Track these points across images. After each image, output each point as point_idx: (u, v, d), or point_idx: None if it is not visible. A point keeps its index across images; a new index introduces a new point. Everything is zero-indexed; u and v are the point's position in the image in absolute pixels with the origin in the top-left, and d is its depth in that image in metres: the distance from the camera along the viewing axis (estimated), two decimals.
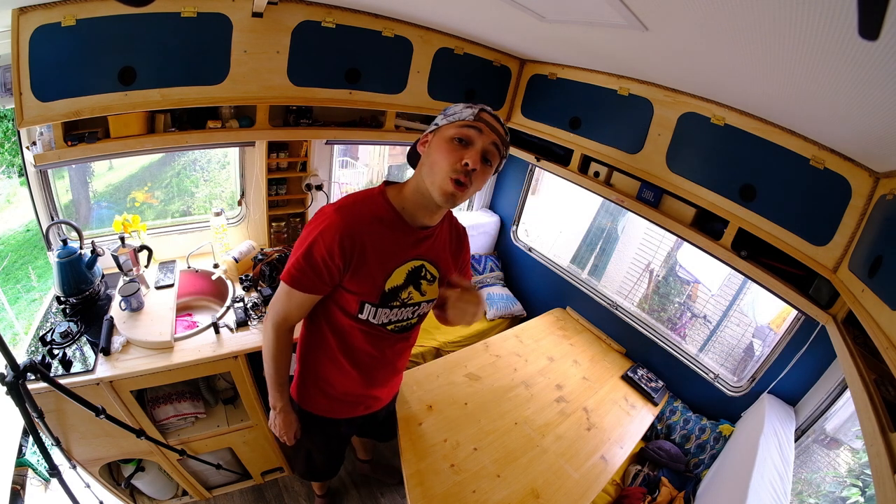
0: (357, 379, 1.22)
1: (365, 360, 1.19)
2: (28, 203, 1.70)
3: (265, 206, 2.09)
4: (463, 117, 0.97)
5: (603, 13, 0.94)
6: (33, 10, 1.19)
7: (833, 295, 1.29)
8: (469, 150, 0.95)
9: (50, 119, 1.32)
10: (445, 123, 0.99)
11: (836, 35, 0.59)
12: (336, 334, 1.13)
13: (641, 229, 3.55)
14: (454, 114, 0.99)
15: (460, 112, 0.98)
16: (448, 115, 1.00)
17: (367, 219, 0.99)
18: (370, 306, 1.06)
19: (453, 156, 0.94)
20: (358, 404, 1.31)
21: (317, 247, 0.96)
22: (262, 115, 1.69)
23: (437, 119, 1.03)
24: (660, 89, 1.59)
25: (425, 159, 1.00)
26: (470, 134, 0.95)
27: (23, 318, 4.50)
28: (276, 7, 1.47)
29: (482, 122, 0.96)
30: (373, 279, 1.02)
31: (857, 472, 1.59)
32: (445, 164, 0.94)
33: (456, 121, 0.97)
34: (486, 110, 0.99)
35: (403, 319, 1.14)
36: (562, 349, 2.20)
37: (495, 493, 1.39)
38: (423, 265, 1.09)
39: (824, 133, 1.18)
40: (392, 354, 1.23)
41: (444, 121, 1.00)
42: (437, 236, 1.11)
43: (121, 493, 1.81)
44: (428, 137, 1.03)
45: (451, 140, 0.95)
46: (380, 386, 1.31)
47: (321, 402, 1.28)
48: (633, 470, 1.84)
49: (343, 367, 1.19)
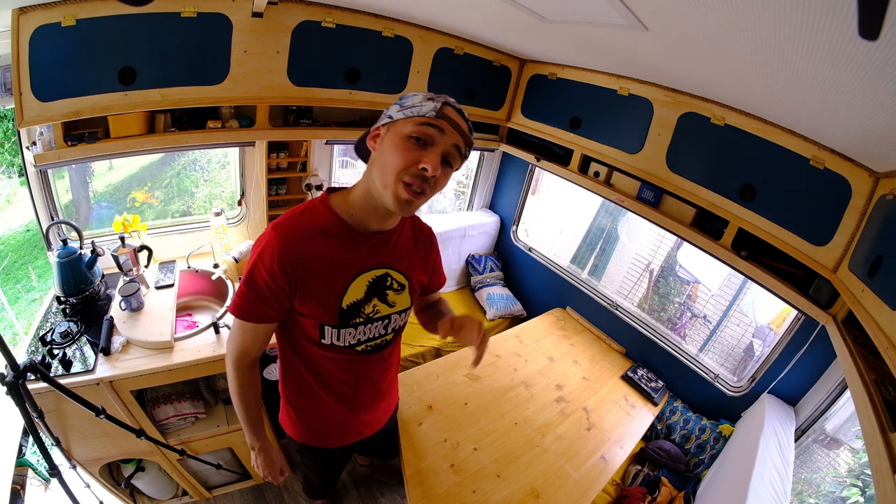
0: (338, 409, 1.10)
1: (342, 388, 1.06)
2: (28, 203, 1.70)
3: (265, 206, 2.09)
4: (423, 112, 0.81)
5: (603, 13, 0.94)
6: (33, 10, 1.19)
7: (833, 295, 1.29)
8: (428, 151, 0.81)
9: (50, 119, 1.32)
10: (402, 118, 0.83)
11: (837, 35, 0.59)
12: (306, 364, 1.02)
13: (641, 229, 3.55)
14: (413, 107, 0.83)
15: (420, 105, 0.82)
16: (405, 106, 0.84)
17: (308, 232, 0.88)
18: (330, 328, 0.94)
19: (409, 157, 0.80)
20: (347, 432, 1.19)
21: (257, 271, 0.86)
22: (262, 115, 1.69)
23: (391, 110, 0.86)
24: (660, 89, 1.59)
25: (376, 157, 0.86)
26: (430, 133, 0.81)
27: (23, 318, 4.50)
28: (276, 7, 1.47)
29: (445, 120, 0.82)
30: (325, 298, 0.90)
31: (857, 472, 1.59)
32: (399, 167, 0.80)
33: (415, 116, 0.82)
34: (449, 104, 0.85)
35: (375, 337, 1.02)
36: (562, 349, 2.20)
37: (495, 493, 1.39)
38: (387, 273, 0.97)
39: (824, 133, 1.18)
40: (372, 378, 1.11)
41: (400, 114, 0.84)
42: (398, 240, 0.99)
43: (121, 493, 1.81)
44: (380, 131, 0.87)
45: (407, 138, 0.81)
46: (366, 412, 1.17)
47: (308, 434, 1.18)
48: (633, 470, 1.84)
49: (321, 399, 1.07)
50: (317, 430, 1.16)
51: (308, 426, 1.15)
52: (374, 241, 0.93)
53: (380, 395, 1.19)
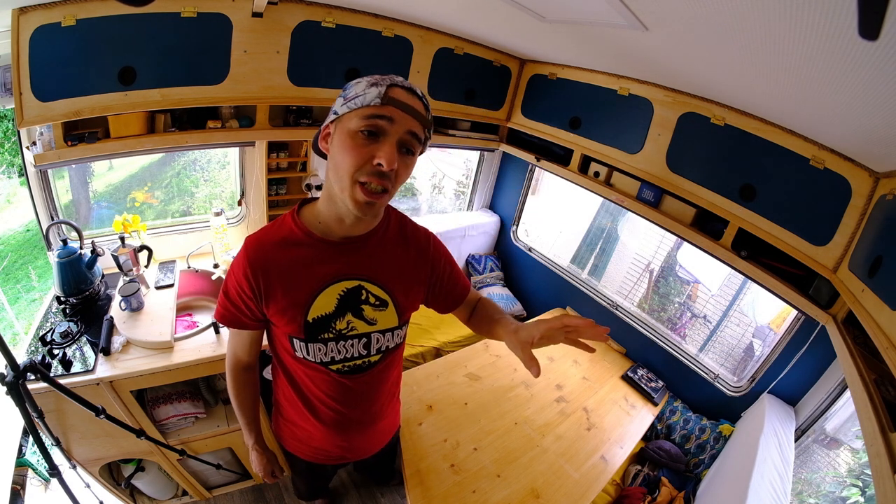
0: (320, 427, 1.03)
1: (321, 407, 0.99)
2: (28, 203, 1.70)
3: (265, 206, 2.09)
4: (367, 101, 0.72)
5: (603, 13, 0.94)
6: (33, 10, 1.19)
7: (833, 295, 1.29)
8: (381, 144, 0.72)
9: (50, 119, 1.32)
10: (347, 111, 0.74)
11: (837, 35, 0.59)
12: (287, 376, 1.00)
13: (641, 229, 3.55)
14: (356, 97, 0.73)
15: (364, 94, 0.72)
16: (349, 98, 0.74)
17: (272, 242, 0.85)
18: (299, 342, 0.89)
19: (360, 155, 0.72)
20: (328, 453, 1.11)
21: (229, 279, 0.88)
22: (262, 115, 1.69)
23: (336, 104, 0.77)
24: (660, 89, 1.59)
25: (330, 160, 0.78)
26: (379, 125, 0.72)
27: (23, 318, 4.50)
28: (276, 7, 1.47)
29: (393, 106, 0.72)
30: (290, 309, 0.86)
31: (857, 472, 1.59)
32: (352, 167, 0.72)
33: (359, 107, 0.72)
34: (396, 84, 0.74)
35: (353, 357, 0.93)
36: (562, 349, 2.18)
37: (495, 493, 1.39)
38: (359, 286, 0.88)
39: (824, 133, 1.18)
40: (358, 401, 1.01)
41: (344, 107, 0.74)
42: (375, 248, 0.89)
43: (121, 493, 1.81)
44: (329, 129, 0.79)
45: (355, 134, 0.72)
46: (351, 438, 1.08)
47: (292, 443, 1.13)
48: (633, 470, 1.84)
49: (303, 413, 1.02)
50: (300, 440, 1.10)
51: (292, 434, 1.11)
52: (342, 250, 0.86)
53: (371, 421, 1.08)
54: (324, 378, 0.95)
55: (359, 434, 1.09)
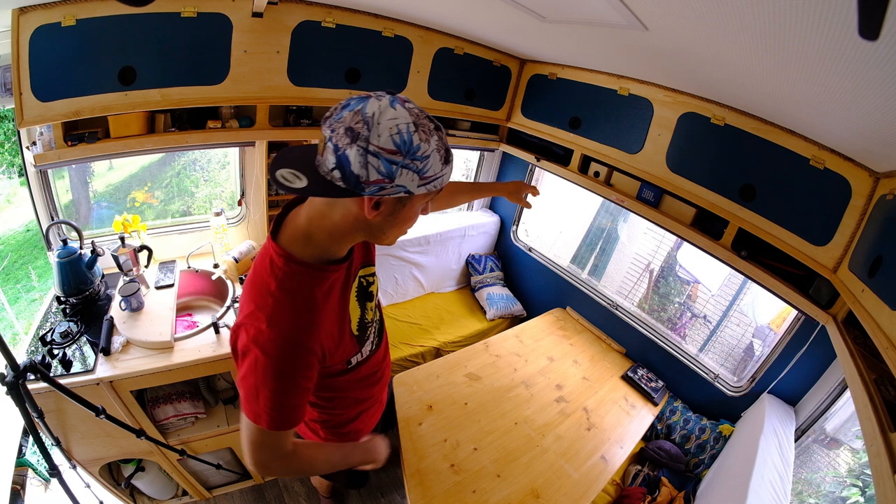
0: (377, 397, 1.16)
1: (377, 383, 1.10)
2: (28, 203, 1.70)
3: (265, 206, 2.09)
4: (445, 182, 0.73)
5: (603, 13, 0.94)
6: (33, 10, 1.19)
7: (833, 295, 1.28)
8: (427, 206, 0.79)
9: (50, 119, 1.32)
10: (424, 192, 0.71)
11: (837, 35, 0.59)
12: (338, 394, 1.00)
13: (641, 229, 3.55)
14: (436, 178, 0.70)
15: (442, 175, 0.71)
16: (427, 178, 0.69)
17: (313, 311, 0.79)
18: (354, 357, 0.94)
19: (408, 226, 0.79)
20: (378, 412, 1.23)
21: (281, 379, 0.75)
22: (262, 115, 1.69)
23: (404, 179, 0.67)
24: (660, 89, 1.59)
25: (380, 224, 0.75)
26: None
27: (23, 318, 4.50)
28: (276, 7, 1.47)
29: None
30: (340, 343, 0.87)
31: (857, 472, 1.59)
32: (404, 231, 0.78)
33: (438, 187, 0.72)
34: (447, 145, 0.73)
35: (375, 320, 1.03)
36: (562, 349, 2.20)
37: (495, 493, 1.39)
38: (358, 278, 0.93)
39: (824, 133, 1.18)
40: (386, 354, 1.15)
41: (422, 188, 0.69)
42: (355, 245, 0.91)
43: (121, 493, 1.81)
44: (383, 202, 0.71)
45: (424, 205, 0.77)
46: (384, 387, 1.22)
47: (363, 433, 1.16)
48: (633, 470, 1.84)
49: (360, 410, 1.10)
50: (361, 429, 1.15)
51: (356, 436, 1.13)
52: (346, 263, 0.86)
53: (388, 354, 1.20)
54: (374, 358, 1.03)
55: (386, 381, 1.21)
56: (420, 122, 0.66)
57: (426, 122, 0.68)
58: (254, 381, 0.75)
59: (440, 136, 0.70)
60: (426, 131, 0.67)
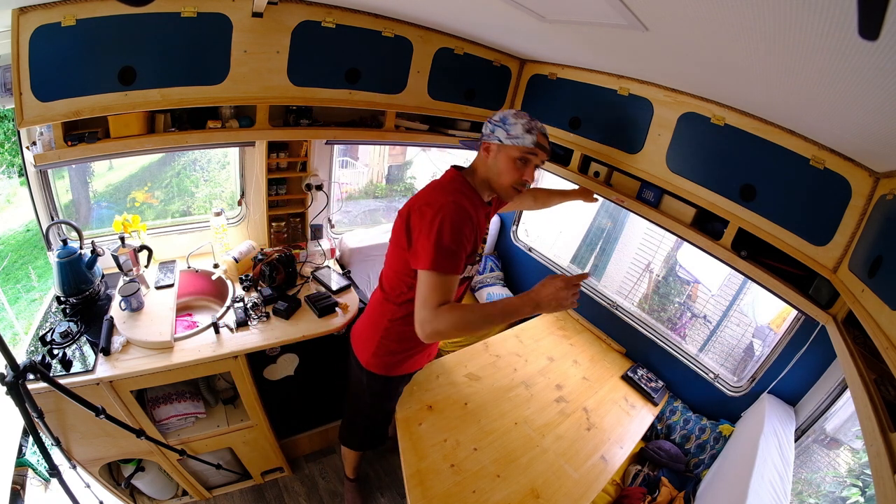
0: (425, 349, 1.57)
1: None
2: (28, 203, 1.70)
3: (265, 206, 2.09)
4: (525, 144, 1.23)
5: (603, 13, 0.94)
6: (33, 10, 1.19)
7: (833, 295, 1.28)
8: (528, 168, 1.26)
9: (50, 119, 1.32)
10: (510, 144, 1.24)
11: (837, 35, 0.59)
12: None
13: (641, 229, 3.55)
14: (517, 137, 1.23)
15: (522, 137, 1.23)
16: (512, 136, 1.24)
17: (472, 205, 1.25)
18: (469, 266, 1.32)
19: (516, 174, 1.26)
20: (423, 360, 1.65)
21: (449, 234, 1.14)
22: (262, 115, 1.69)
23: (499, 133, 1.25)
24: (660, 89, 1.59)
25: (491, 163, 1.28)
26: (530, 158, 1.25)
27: (23, 318, 4.50)
28: (276, 7, 1.47)
29: (539, 148, 1.25)
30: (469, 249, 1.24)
31: (857, 472, 1.59)
32: (510, 180, 1.26)
33: (520, 145, 1.23)
34: (542, 132, 1.26)
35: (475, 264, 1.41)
36: (562, 349, 2.20)
37: (495, 493, 1.39)
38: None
39: (824, 133, 1.18)
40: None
41: (509, 141, 1.24)
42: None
43: (121, 493, 1.81)
44: (490, 146, 1.28)
45: (514, 160, 1.25)
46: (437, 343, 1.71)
47: (404, 364, 1.54)
48: (633, 470, 1.84)
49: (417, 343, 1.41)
50: (406, 358, 1.54)
51: (401, 360, 1.53)
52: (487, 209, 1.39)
53: None
54: (459, 288, 1.36)
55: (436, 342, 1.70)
56: (518, 114, 1.27)
57: (522, 115, 1.27)
58: (427, 237, 1.15)
59: (529, 122, 1.26)
60: (518, 117, 1.26)
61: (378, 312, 1.47)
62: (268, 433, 1.90)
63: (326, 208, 2.33)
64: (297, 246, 2.24)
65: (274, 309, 1.81)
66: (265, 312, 1.79)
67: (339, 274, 2.16)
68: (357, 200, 4.64)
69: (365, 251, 2.52)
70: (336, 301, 1.91)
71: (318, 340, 1.77)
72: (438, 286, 1.15)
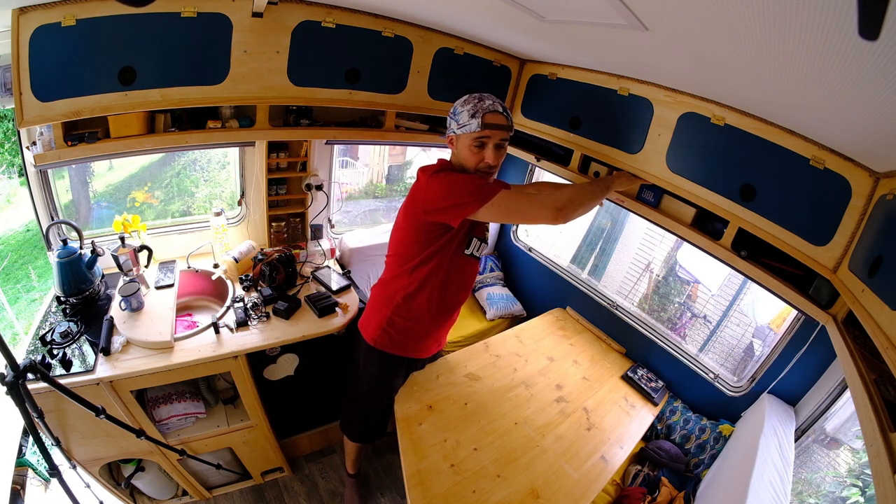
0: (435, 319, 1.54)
1: (452, 294, 1.51)
2: (28, 203, 1.70)
3: (265, 206, 2.09)
4: (472, 129, 1.27)
5: (603, 13, 0.94)
6: (33, 10, 1.19)
7: (833, 295, 1.28)
8: (485, 151, 1.31)
9: (50, 119, 1.32)
10: (461, 133, 1.30)
11: (837, 35, 0.59)
12: (442, 271, 1.43)
13: (641, 229, 3.55)
14: (465, 125, 1.28)
15: (468, 123, 1.27)
16: (461, 124, 1.29)
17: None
18: (476, 239, 1.46)
19: (475, 158, 1.32)
20: (429, 347, 1.66)
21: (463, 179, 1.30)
22: (262, 115, 1.69)
23: (451, 123, 1.34)
24: (660, 89, 1.59)
25: (456, 154, 1.38)
26: (482, 141, 1.29)
27: (23, 318, 4.50)
28: (276, 7, 1.47)
29: (487, 128, 1.26)
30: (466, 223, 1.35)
31: (857, 472, 1.59)
32: (472, 164, 1.33)
33: (469, 132, 1.28)
34: (488, 111, 1.26)
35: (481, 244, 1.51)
36: (562, 349, 2.20)
37: (495, 493, 1.39)
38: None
39: (824, 133, 1.18)
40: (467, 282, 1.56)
41: (459, 130, 1.31)
42: None
43: (121, 493, 1.81)
44: (451, 138, 1.38)
45: (470, 146, 1.31)
46: (443, 331, 1.67)
47: (405, 344, 1.57)
48: (633, 470, 1.84)
49: (432, 308, 1.49)
50: (409, 337, 1.56)
51: (402, 338, 1.55)
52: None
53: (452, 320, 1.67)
54: (469, 265, 1.50)
55: (446, 326, 1.68)
56: (465, 100, 1.32)
57: (469, 100, 1.31)
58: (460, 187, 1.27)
59: (475, 105, 1.28)
60: (465, 104, 1.31)
61: (390, 290, 1.52)
62: (268, 433, 1.89)
63: (326, 208, 2.33)
64: (297, 246, 2.24)
65: (274, 309, 1.81)
66: (265, 312, 1.79)
67: (339, 274, 2.16)
68: (357, 200, 4.65)
69: (365, 251, 2.52)
70: (336, 301, 1.91)
71: (318, 340, 1.77)
72: (515, 193, 1.30)
